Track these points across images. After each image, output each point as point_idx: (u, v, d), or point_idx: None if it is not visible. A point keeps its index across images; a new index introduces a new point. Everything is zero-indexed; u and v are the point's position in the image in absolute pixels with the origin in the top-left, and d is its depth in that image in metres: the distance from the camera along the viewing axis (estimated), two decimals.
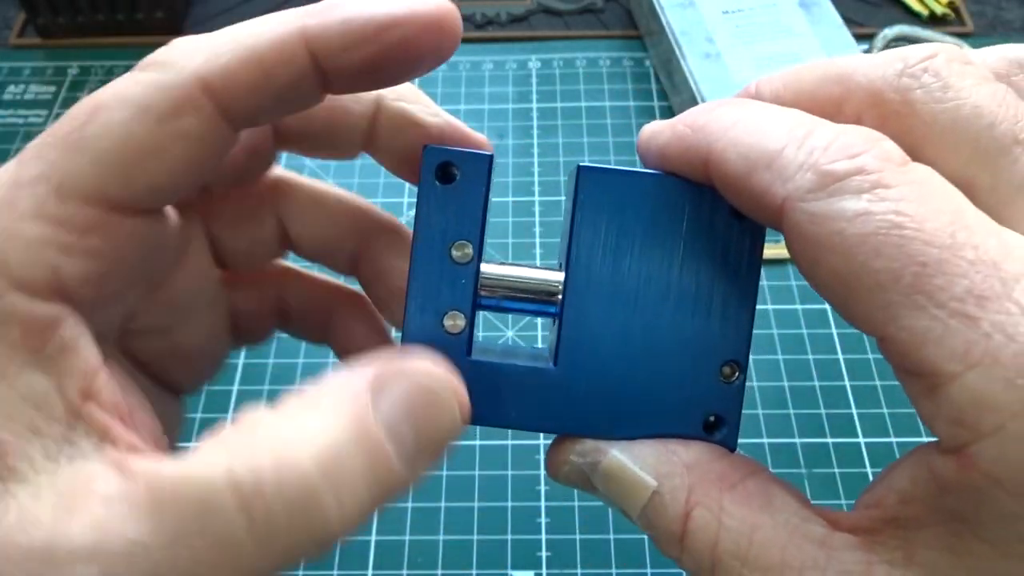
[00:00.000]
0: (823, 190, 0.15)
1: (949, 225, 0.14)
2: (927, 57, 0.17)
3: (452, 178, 0.19)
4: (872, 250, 0.15)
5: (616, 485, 0.18)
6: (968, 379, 0.14)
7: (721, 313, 0.19)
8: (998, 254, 0.14)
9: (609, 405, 0.19)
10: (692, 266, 0.19)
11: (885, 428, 0.38)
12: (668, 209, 0.19)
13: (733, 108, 0.18)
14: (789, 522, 0.17)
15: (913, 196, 0.15)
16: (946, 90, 0.16)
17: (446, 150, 0.19)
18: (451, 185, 0.19)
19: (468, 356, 0.19)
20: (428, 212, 0.19)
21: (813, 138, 0.16)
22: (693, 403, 0.19)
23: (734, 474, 0.18)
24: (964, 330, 0.14)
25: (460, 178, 0.19)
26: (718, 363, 0.19)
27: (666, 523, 0.18)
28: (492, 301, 0.20)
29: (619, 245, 0.19)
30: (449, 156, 0.19)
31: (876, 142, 0.16)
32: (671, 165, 0.19)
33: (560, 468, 0.19)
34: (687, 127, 0.18)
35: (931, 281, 0.14)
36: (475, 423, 0.19)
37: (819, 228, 0.15)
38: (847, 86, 0.17)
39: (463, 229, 0.19)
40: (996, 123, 0.16)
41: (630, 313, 0.19)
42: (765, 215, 0.17)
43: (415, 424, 0.17)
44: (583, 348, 0.19)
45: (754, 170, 0.16)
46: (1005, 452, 0.14)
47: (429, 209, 0.19)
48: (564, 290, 0.19)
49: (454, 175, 0.19)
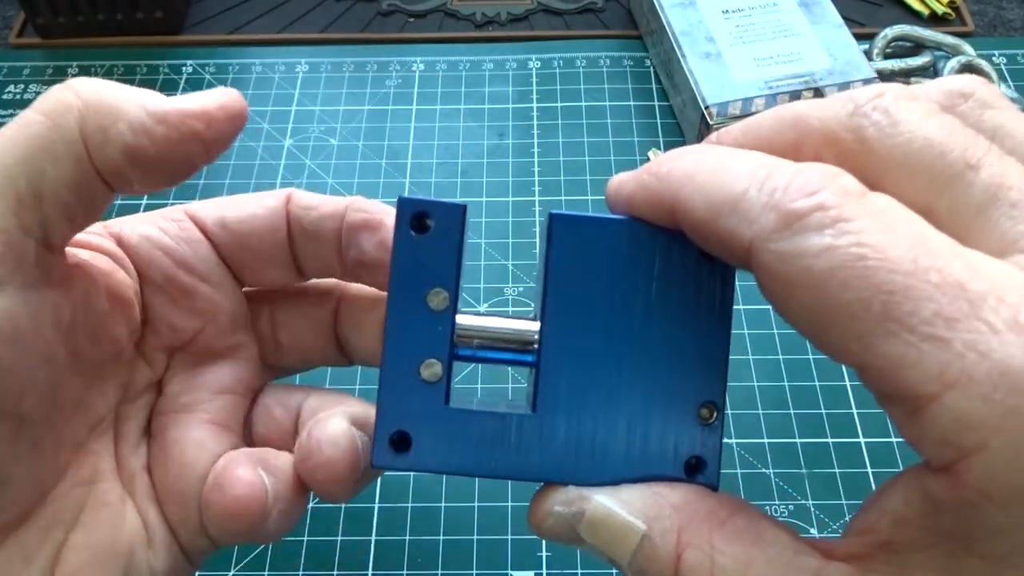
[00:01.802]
0: (787, 229, 0.16)
1: (911, 251, 0.15)
2: (875, 96, 0.17)
3: (427, 228, 0.20)
4: (840, 283, 0.15)
5: (604, 532, 0.18)
6: (947, 400, 0.14)
7: (695, 355, 0.19)
8: (963, 275, 0.14)
9: (589, 451, 0.19)
10: (665, 309, 0.19)
11: (885, 428, 0.38)
12: (639, 254, 0.19)
13: (695, 155, 0.18)
14: (782, 555, 0.17)
15: (874, 227, 0.15)
16: (896, 125, 0.17)
17: (420, 200, 0.20)
18: (426, 235, 0.20)
19: (446, 404, 0.19)
20: (403, 261, 0.20)
21: (773, 179, 0.16)
22: (673, 446, 0.19)
23: (722, 512, 0.18)
24: (937, 352, 0.14)
25: (434, 228, 0.20)
26: (695, 405, 0.19)
27: (658, 567, 0.18)
28: (468, 351, 0.20)
29: (593, 291, 0.19)
30: (423, 206, 0.20)
31: (834, 177, 0.16)
32: (639, 214, 0.19)
33: (544, 521, 0.19)
34: (651, 177, 0.19)
35: (900, 307, 0.14)
36: (454, 473, 0.19)
37: (787, 266, 0.16)
38: (802, 130, 0.18)
39: (439, 277, 0.19)
40: (947, 151, 0.16)
41: (606, 358, 0.19)
42: (734, 257, 0.17)
43: None
44: (561, 395, 0.19)
45: (719, 215, 0.17)
46: (991, 467, 0.14)
47: (404, 258, 0.20)
48: (540, 337, 0.20)
49: (428, 225, 0.20)
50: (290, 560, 0.35)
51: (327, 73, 0.54)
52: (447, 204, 0.19)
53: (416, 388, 0.19)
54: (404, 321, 0.19)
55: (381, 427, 0.19)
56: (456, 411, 0.19)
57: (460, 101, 0.52)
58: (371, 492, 0.37)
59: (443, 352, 0.19)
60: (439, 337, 0.19)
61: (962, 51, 0.51)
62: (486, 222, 0.46)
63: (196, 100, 0.20)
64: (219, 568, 0.35)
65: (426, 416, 0.19)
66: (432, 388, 0.19)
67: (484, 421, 0.19)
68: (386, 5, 0.58)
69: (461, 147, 0.50)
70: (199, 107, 0.20)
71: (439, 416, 0.19)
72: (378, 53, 0.55)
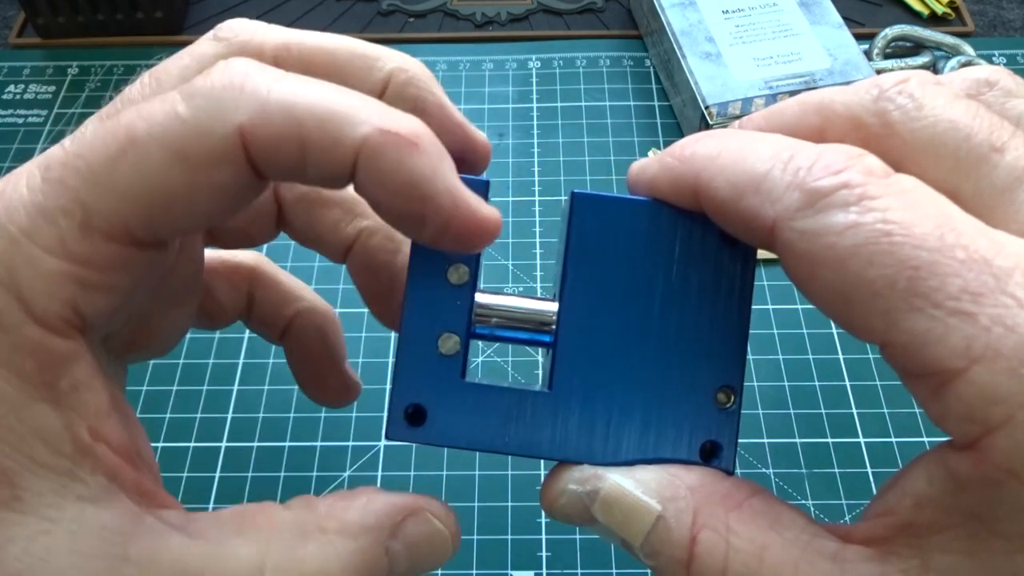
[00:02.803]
0: (811, 207, 0.16)
1: (937, 228, 0.15)
2: (900, 81, 0.17)
3: None
4: (864, 260, 0.15)
5: (618, 512, 0.18)
6: (973, 374, 0.14)
7: (714, 338, 0.19)
8: (988, 252, 0.15)
9: (604, 432, 0.19)
10: (685, 291, 0.19)
11: (885, 428, 0.38)
12: (660, 235, 0.19)
13: (718, 138, 0.18)
14: (799, 539, 0.17)
15: (899, 204, 0.15)
16: (921, 108, 0.17)
17: None
18: None
19: (462, 378, 0.19)
20: None
21: (797, 159, 0.16)
22: (689, 429, 0.19)
23: (738, 494, 0.18)
24: (963, 326, 0.14)
25: None
26: (713, 388, 0.19)
27: (672, 549, 0.17)
28: (486, 330, 0.20)
29: (613, 271, 0.19)
30: None
31: (858, 157, 0.16)
32: (661, 196, 0.19)
33: (557, 500, 0.19)
34: (674, 159, 0.19)
35: (925, 283, 0.14)
36: (468, 448, 0.19)
37: (811, 244, 0.16)
38: (826, 115, 0.18)
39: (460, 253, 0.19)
40: (972, 134, 0.16)
41: (625, 338, 0.19)
42: (757, 237, 0.17)
43: (414, 556, 0.19)
44: (578, 374, 0.19)
45: (743, 195, 0.17)
46: (1017, 442, 0.14)
47: None
48: (559, 315, 0.19)
49: None
50: None
51: None
52: (471, 179, 0.19)
53: (433, 361, 0.19)
54: (424, 293, 0.19)
55: (396, 399, 0.19)
56: (472, 385, 0.19)
57: (460, 101, 0.52)
58: None
59: (461, 326, 0.19)
60: (458, 311, 0.19)
61: (962, 51, 0.51)
62: None
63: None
64: None
65: (442, 390, 0.19)
66: (449, 361, 0.19)
67: (500, 397, 0.19)
68: (386, 5, 0.58)
69: None
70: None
71: (455, 390, 0.19)
72: None
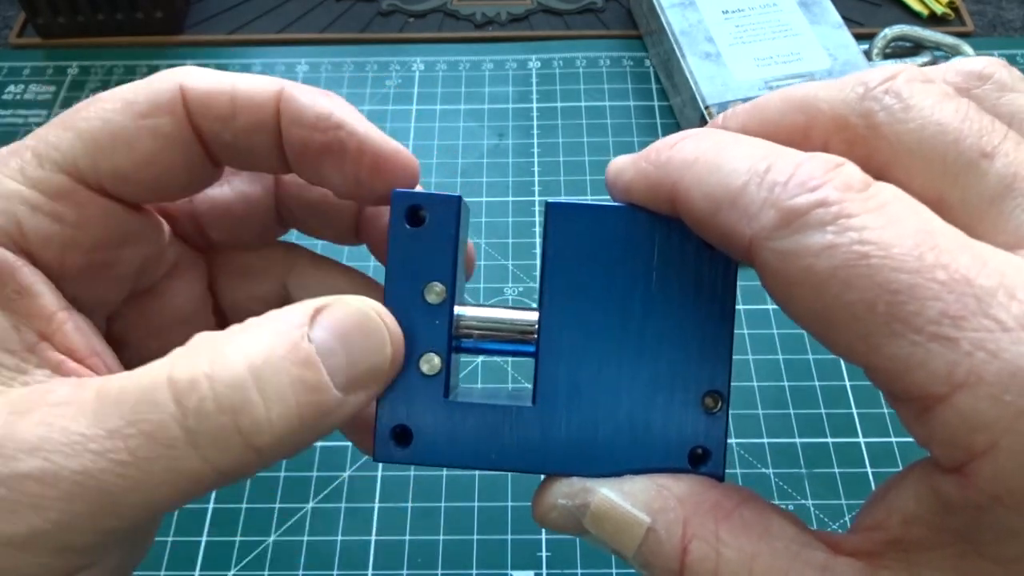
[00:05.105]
0: (787, 227, 0.15)
1: (916, 248, 0.14)
2: (887, 79, 0.17)
3: (421, 221, 0.19)
4: (842, 283, 0.14)
5: (609, 525, 0.18)
6: (956, 400, 0.14)
7: (699, 343, 0.19)
8: (971, 270, 0.14)
9: (591, 442, 0.19)
10: (666, 297, 0.19)
11: (885, 428, 0.38)
12: (639, 242, 0.19)
13: (695, 141, 0.18)
14: (789, 549, 0.17)
15: (877, 222, 0.15)
16: (908, 110, 0.16)
17: (413, 193, 0.20)
18: (421, 228, 0.19)
19: (445, 398, 0.19)
20: (399, 255, 0.19)
21: (773, 172, 0.16)
22: (677, 436, 0.19)
23: (728, 503, 0.18)
24: (945, 352, 0.14)
25: (429, 221, 0.19)
26: (699, 394, 0.19)
27: (663, 560, 0.17)
28: (469, 343, 0.20)
29: (592, 280, 0.19)
30: (417, 199, 0.20)
31: (836, 169, 0.15)
32: (638, 202, 0.19)
33: (548, 515, 0.19)
34: (650, 164, 0.18)
35: (904, 308, 0.14)
36: (455, 466, 0.19)
37: (788, 266, 0.15)
38: (810, 114, 0.17)
39: (435, 271, 0.19)
40: (961, 138, 0.16)
41: (608, 347, 0.19)
42: (736, 253, 0.17)
43: (346, 344, 0.18)
44: (562, 385, 0.19)
45: (718, 209, 0.16)
46: (1002, 469, 0.14)
47: (400, 252, 0.19)
48: (540, 328, 0.19)
49: (423, 218, 0.19)
50: (290, 560, 0.35)
51: (327, 73, 0.54)
52: (441, 197, 0.19)
53: (415, 382, 0.19)
54: (401, 315, 0.19)
55: (382, 421, 0.19)
56: (455, 404, 0.19)
57: (460, 101, 0.52)
58: (371, 492, 0.37)
59: (441, 345, 0.19)
60: (437, 331, 0.19)
61: (961, 51, 0.51)
62: (486, 222, 0.46)
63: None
64: (219, 568, 0.35)
65: (425, 410, 0.19)
66: (431, 381, 0.19)
67: (483, 414, 0.19)
68: (386, 5, 0.58)
69: (461, 147, 0.50)
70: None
71: (438, 409, 0.19)
72: (378, 53, 0.55)
